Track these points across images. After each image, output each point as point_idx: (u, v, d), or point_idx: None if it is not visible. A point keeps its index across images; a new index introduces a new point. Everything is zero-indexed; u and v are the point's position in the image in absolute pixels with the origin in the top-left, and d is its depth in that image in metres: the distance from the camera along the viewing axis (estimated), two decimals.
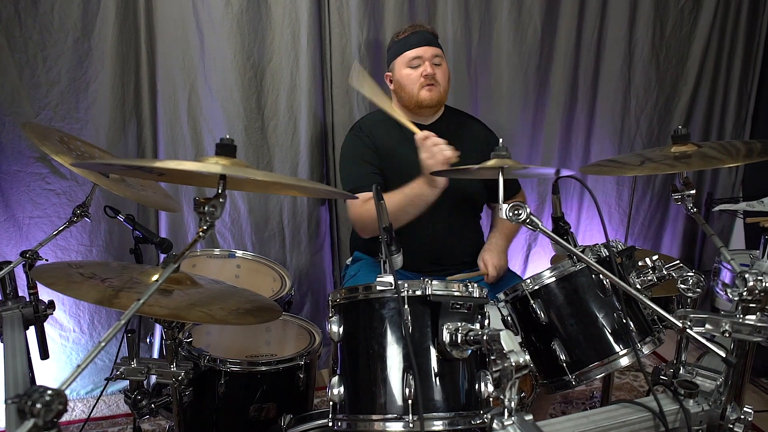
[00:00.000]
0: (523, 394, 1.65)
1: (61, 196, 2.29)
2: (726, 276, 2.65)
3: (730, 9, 2.93)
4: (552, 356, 1.29)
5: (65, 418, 2.41)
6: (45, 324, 1.84)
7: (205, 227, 1.11)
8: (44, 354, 1.66)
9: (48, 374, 2.48)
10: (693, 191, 1.34)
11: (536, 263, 3.02)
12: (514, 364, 0.96)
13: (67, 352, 2.50)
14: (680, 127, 1.37)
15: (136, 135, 2.35)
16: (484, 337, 1.03)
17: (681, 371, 1.29)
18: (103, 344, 0.89)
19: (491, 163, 1.18)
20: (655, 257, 1.30)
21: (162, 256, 2.32)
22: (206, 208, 1.09)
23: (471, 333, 1.08)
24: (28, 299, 1.56)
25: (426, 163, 1.77)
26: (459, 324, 1.11)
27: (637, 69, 2.89)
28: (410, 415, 1.08)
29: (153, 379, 1.62)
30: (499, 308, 1.42)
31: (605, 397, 1.97)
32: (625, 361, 1.26)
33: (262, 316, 1.27)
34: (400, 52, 2.06)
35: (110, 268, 1.48)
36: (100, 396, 2.13)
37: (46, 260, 1.61)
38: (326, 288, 2.75)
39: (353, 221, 2.09)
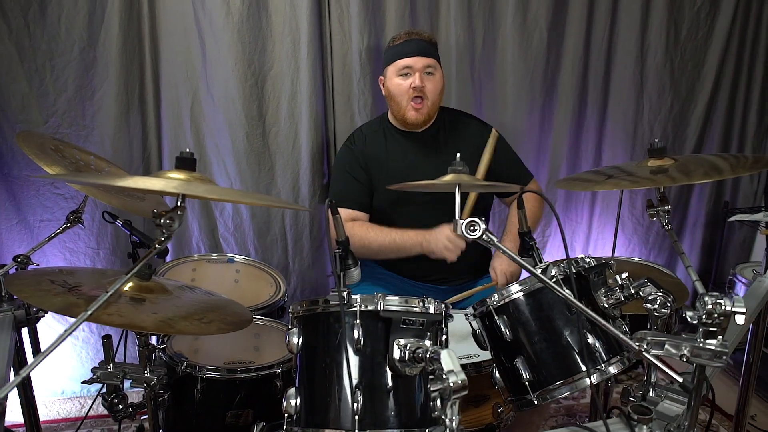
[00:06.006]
0: (501, 410, 1.64)
1: (69, 201, 2.37)
2: (741, 290, 2.56)
3: (750, 12, 2.81)
4: (516, 374, 1.26)
5: (63, 415, 2.51)
6: (56, 323, 1.90)
7: (162, 238, 1.12)
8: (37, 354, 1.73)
9: (63, 374, 2.58)
10: (668, 207, 1.29)
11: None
12: (452, 384, 0.95)
13: (77, 350, 2.59)
14: (656, 140, 1.33)
15: (141, 142, 2.41)
16: (427, 355, 1.02)
17: (651, 393, 1.25)
18: (41, 358, 0.92)
19: (447, 178, 1.17)
20: (624, 275, 1.25)
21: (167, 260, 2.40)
22: (163, 220, 1.10)
23: (419, 350, 1.07)
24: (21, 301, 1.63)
25: (442, 252, 1.85)
26: (409, 340, 1.10)
27: (650, 74, 2.81)
28: (356, 431, 1.08)
29: None
30: (470, 323, 1.40)
31: (605, 408, 1.92)
32: (591, 380, 1.23)
33: (225, 324, 1.29)
34: (392, 60, 2.06)
35: (98, 276, 1.51)
36: (98, 396, 2.19)
37: (37, 264, 1.68)
38: (328, 294, 2.76)
39: (331, 237, 2.10)
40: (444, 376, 0.96)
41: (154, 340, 2.01)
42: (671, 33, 2.77)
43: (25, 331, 1.67)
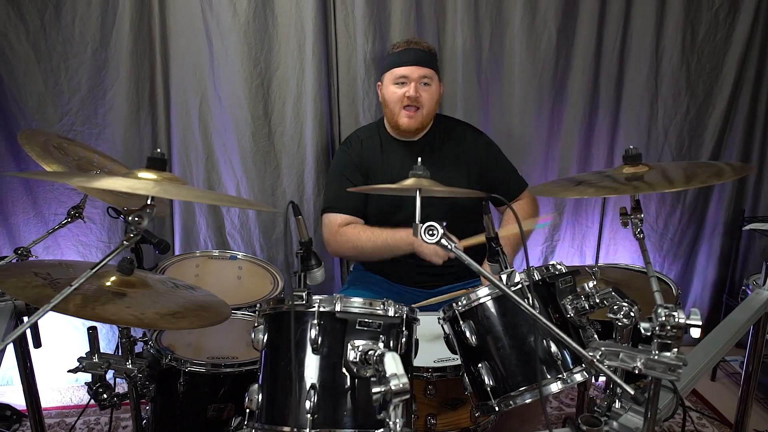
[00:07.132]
0: (478, 414, 1.63)
1: (82, 196, 2.46)
2: None
3: None
4: (480, 379, 1.26)
5: (76, 402, 2.61)
6: (56, 314, 1.96)
7: (131, 235, 1.16)
8: (37, 343, 1.81)
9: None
10: (642, 215, 1.27)
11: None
12: (393, 387, 0.96)
13: None
14: (632, 147, 1.31)
15: (150, 140, 2.48)
16: (374, 357, 1.03)
17: (616, 404, 1.23)
18: (4, 345, 0.98)
19: (408, 182, 1.18)
20: (592, 284, 1.24)
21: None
22: (131, 218, 1.15)
23: (370, 352, 1.08)
24: None
25: (431, 255, 1.88)
26: (363, 342, 1.12)
27: (665, 77, 2.73)
28: (308, 429, 1.10)
29: None
30: (442, 327, 1.41)
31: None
32: (554, 388, 1.22)
33: (197, 319, 1.33)
34: (389, 68, 2.09)
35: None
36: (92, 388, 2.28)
37: (36, 257, 1.76)
38: (334, 292, 2.79)
39: (325, 241, 2.17)
40: (387, 379, 0.97)
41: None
42: (687, 35, 2.69)
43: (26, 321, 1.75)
